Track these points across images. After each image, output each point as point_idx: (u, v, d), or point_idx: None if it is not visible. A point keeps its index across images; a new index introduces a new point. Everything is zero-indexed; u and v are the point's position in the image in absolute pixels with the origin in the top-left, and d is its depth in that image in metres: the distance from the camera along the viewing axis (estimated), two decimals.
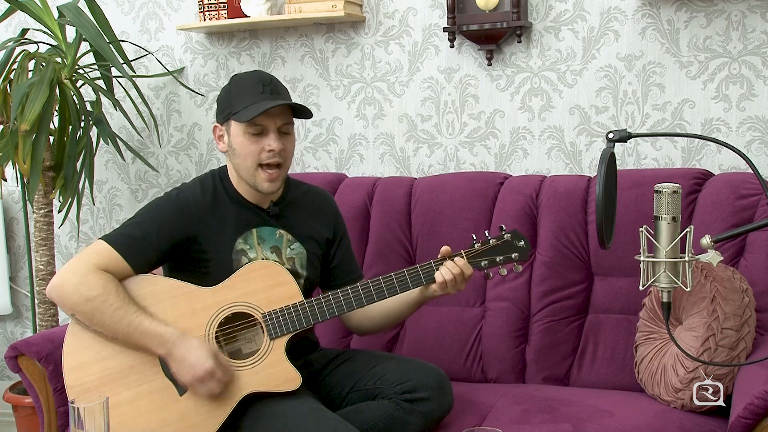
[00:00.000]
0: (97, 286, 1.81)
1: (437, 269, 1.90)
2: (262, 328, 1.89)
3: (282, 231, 2.01)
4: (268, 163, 1.91)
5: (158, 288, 1.88)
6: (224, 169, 2.03)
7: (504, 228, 1.95)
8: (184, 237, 1.92)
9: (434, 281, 1.90)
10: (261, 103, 1.87)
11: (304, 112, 1.95)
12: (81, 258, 1.86)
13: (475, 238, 1.95)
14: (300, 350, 2.00)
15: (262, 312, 1.89)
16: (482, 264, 1.92)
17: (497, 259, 1.93)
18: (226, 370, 1.82)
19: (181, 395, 1.83)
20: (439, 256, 1.92)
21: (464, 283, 1.91)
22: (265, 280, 1.91)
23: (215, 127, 1.99)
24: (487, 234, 1.96)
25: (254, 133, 1.90)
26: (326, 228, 2.10)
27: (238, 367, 1.85)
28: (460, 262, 1.89)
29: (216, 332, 1.88)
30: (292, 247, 2.01)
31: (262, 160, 1.91)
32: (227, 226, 1.95)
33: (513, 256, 1.93)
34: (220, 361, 1.81)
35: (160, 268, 2.02)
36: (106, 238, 1.88)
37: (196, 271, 1.94)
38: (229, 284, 1.90)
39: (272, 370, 1.86)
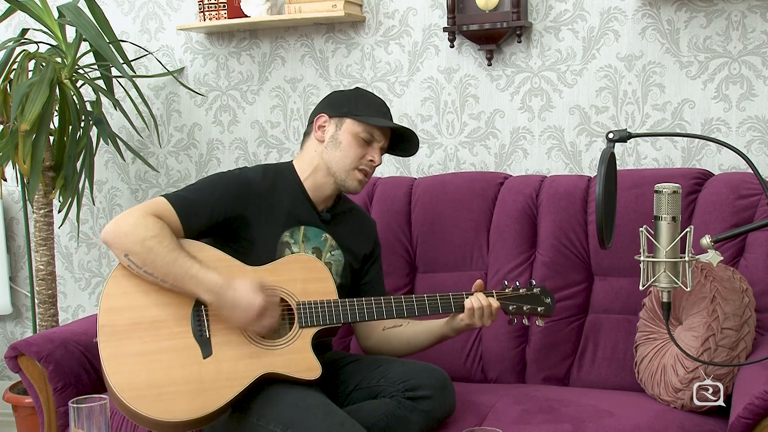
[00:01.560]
0: (155, 227, 1.86)
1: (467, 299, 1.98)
2: (293, 315, 1.93)
3: (328, 235, 2.09)
4: (363, 169, 2.05)
5: (205, 255, 1.92)
6: (290, 164, 2.11)
7: (534, 282, 2.05)
8: (236, 214, 1.99)
9: (463, 310, 1.97)
10: (386, 121, 2.06)
11: (397, 151, 2.12)
12: (138, 206, 1.92)
13: (506, 283, 2.06)
14: (319, 349, 2.01)
15: (297, 300, 1.94)
16: (510, 308, 2.02)
17: (524, 308, 2.03)
18: (274, 297, 1.89)
19: (204, 359, 1.85)
20: (472, 290, 2.01)
21: (490, 319, 1.99)
22: (305, 272, 1.98)
23: (321, 116, 2.08)
24: (517, 284, 2.05)
25: (364, 139, 2.04)
26: (366, 245, 2.19)
27: (263, 346, 1.89)
28: (491, 297, 1.99)
29: None
30: (332, 253, 2.09)
31: (360, 165, 2.05)
32: (278, 216, 2.03)
33: (539, 309, 2.04)
34: (267, 293, 1.87)
35: None
36: (166, 196, 1.95)
37: (238, 250, 1.99)
38: (271, 268, 1.97)
39: (296, 356, 1.90)
